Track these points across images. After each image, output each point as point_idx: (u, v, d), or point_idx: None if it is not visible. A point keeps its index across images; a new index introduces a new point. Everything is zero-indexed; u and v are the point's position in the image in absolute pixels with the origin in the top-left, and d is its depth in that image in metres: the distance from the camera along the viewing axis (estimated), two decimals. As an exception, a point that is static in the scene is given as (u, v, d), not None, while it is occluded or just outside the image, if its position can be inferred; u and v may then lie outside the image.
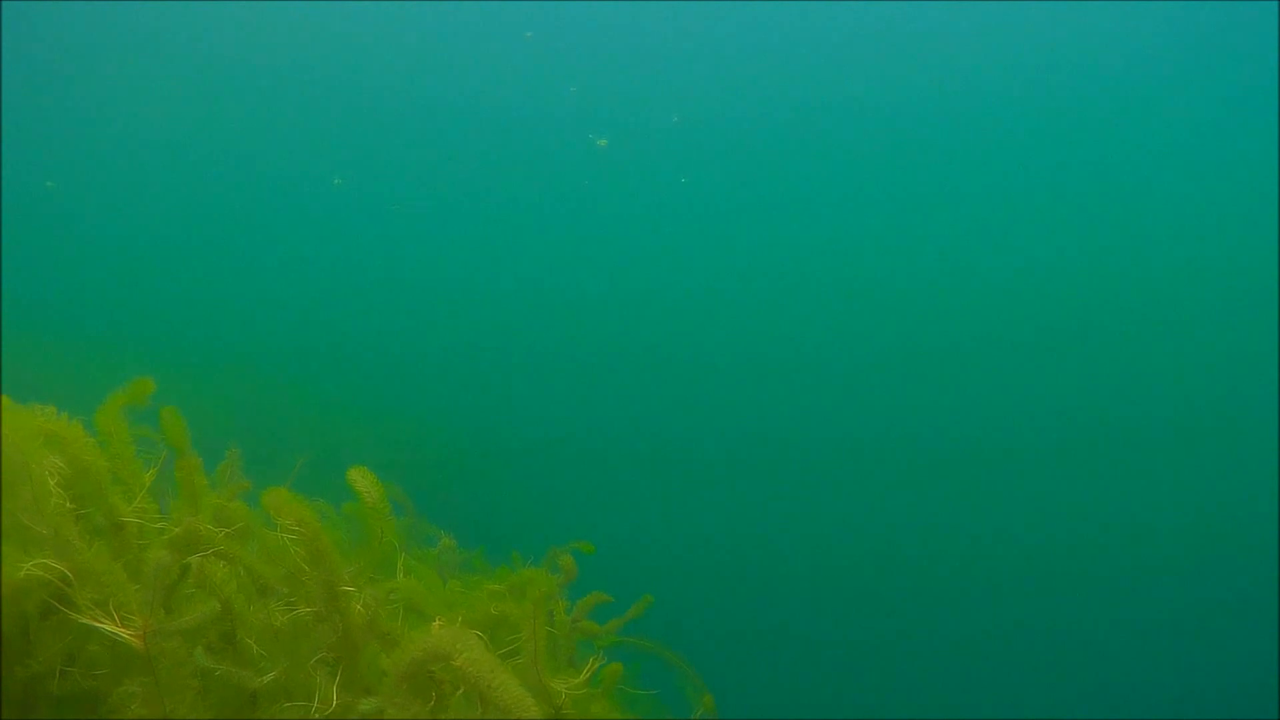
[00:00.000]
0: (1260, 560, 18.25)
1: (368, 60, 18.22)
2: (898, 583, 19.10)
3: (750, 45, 17.65)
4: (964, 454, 23.27)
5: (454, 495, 16.29)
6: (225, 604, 2.54)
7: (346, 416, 18.90)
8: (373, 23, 17.00)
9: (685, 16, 16.28)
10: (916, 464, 22.77)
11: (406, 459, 17.42)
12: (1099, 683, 17.22)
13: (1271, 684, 15.13)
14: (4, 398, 2.74)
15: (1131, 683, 17.03)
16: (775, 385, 25.60)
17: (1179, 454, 21.80)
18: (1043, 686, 16.71)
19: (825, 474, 22.14)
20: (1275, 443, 20.62)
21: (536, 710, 2.23)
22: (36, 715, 2.56)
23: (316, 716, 2.65)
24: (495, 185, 21.83)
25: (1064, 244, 20.72)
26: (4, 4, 15.13)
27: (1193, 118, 16.31)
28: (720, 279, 25.39)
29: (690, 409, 24.28)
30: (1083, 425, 23.06)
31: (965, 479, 22.44)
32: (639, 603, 5.32)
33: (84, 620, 2.25)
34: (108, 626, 2.28)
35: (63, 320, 20.85)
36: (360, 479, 2.90)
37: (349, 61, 18.22)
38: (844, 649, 16.46)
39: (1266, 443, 20.75)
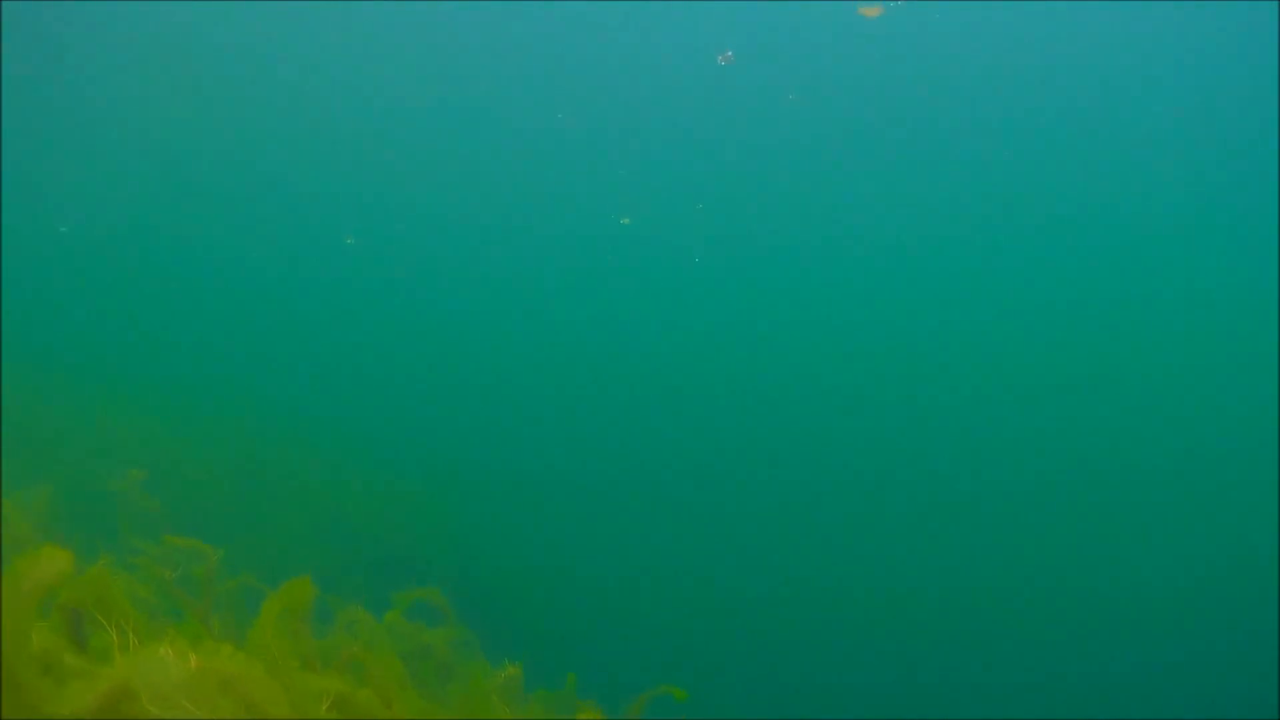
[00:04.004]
0: (1260, 570, 18.45)
1: (394, 130, 18.02)
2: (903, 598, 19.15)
3: (771, 144, 17.55)
4: (963, 474, 23.44)
5: (451, 550, 15.90)
6: None
7: (338, 466, 18.51)
8: (406, 93, 16.82)
9: (715, 111, 16.21)
10: (916, 481, 23.03)
11: (398, 512, 17.07)
12: (1101, 687, 17.16)
13: (1272, 684, 14.97)
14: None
15: (1133, 685, 16.94)
16: (772, 440, 25.57)
17: (1181, 473, 22.15)
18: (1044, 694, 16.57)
19: (817, 524, 22.13)
20: (1275, 454, 20.81)
21: None
22: None
23: None
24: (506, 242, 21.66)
25: (1064, 249, 20.57)
26: (4, 24, 14.69)
27: (1193, 119, 15.96)
28: (719, 348, 25.41)
29: (695, 466, 24.18)
30: (1082, 450, 23.31)
31: (964, 502, 22.63)
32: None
33: None
34: None
35: (64, 358, 20.29)
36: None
37: (374, 128, 18.01)
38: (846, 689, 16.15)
39: (1267, 456, 20.96)
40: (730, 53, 13.56)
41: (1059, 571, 20.88)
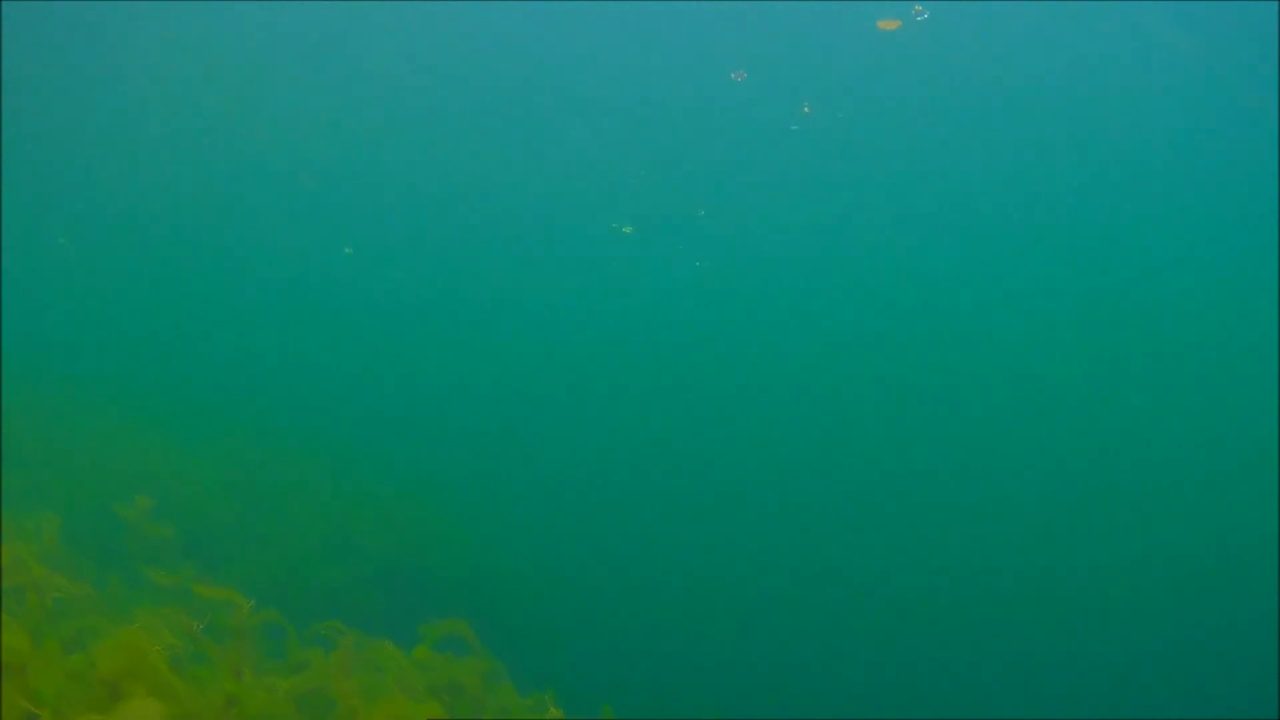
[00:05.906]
0: (1260, 570, 18.59)
1: (393, 140, 17.84)
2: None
3: (773, 150, 17.39)
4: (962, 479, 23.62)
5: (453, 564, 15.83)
6: None
7: (345, 479, 18.40)
8: (407, 102, 16.65)
9: (718, 120, 16.07)
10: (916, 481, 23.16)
11: (406, 525, 16.98)
12: (1101, 687, 17.28)
13: (1272, 684, 15.02)
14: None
15: (1133, 684, 17.05)
16: (790, 449, 25.54)
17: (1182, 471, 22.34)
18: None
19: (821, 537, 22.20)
20: (1276, 453, 20.98)
21: None
22: None
23: None
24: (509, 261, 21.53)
25: (1072, 261, 20.51)
26: (4, 25, 14.41)
27: (1193, 120, 15.70)
28: (723, 354, 25.32)
29: (698, 476, 24.14)
30: (1082, 451, 23.47)
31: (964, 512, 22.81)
32: None
33: None
34: None
35: (61, 373, 20.05)
36: None
37: (373, 139, 17.82)
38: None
39: (1267, 455, 21.13)
40: (744, 71, 13.47)
41: (1059, 571, 21.04)
